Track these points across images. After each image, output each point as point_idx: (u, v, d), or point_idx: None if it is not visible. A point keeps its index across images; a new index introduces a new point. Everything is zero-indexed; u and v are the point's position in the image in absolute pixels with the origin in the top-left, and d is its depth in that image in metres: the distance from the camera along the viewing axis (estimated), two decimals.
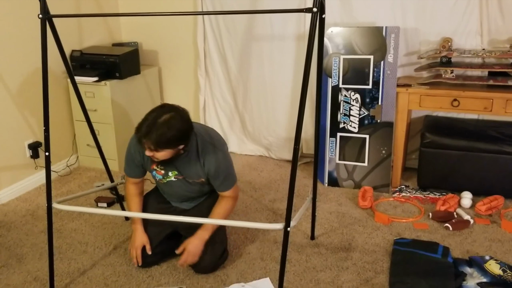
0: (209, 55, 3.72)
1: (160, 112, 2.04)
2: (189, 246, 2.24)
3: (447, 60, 3.02)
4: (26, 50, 3.17)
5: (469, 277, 2.23)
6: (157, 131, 1.98)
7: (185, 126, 2.07)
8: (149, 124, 2.00)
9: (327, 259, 2.43)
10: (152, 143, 2.00)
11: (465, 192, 2.96)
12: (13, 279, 2.33)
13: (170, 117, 2.01)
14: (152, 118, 2.02)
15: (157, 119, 2.00)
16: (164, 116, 2.01)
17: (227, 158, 2.30)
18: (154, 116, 2.02)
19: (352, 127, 3.15)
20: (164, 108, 2.07)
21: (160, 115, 2.01)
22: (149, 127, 1.99)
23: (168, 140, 2.01)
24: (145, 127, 2.00)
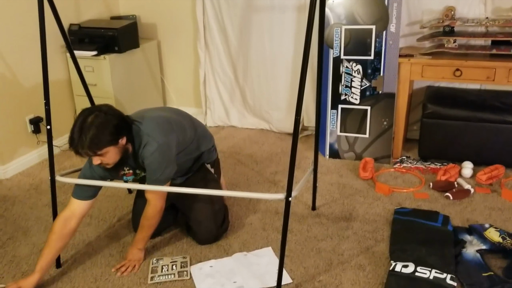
0: (208, 28, 3.69)
1: (83, 117, 1.93)
2: (129, 256, 2.24)
3: (450, 29, 2.99)
4: (24, 24, 3.15)
5: (469, 244, 2.26)
6: (87, 135, 1.89)
7: (114, 119, 1.97)
8: (77, 131, 1.90)
9: (328, 229, 2.46)
10: (88, 148, 1.91)
11: (466, 162, 2.97)
12: (20, 251, 2.36)
13: (94, 117, 1.92)
14: (78, 125, 1.91)
15: (83, 124, 1.91)
16: (89, 119, 1.92)
17: (164, 150, 2.09)
18: (79, 122, 1.92)
19: (354, 98, 3.14)
20: (84, 113, 1.95)
21: (85, 120, 1.92)
22: (79, 134, 1.90)
23: (102, 139, 1.92)
24: (75, 136, 1.90)
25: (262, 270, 2.16)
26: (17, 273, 2.19)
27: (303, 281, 2.09)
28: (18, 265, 2.26)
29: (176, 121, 2.25)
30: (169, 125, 2.17)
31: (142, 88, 3.80)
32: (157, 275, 2.14)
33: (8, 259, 2.30)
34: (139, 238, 2.25)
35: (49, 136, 2.13)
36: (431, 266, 2.09)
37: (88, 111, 1.97)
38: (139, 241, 2.25)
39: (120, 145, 2.00)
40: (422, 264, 2.10)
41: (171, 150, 2.13)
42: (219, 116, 3.96)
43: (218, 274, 2.14)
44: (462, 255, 2.19)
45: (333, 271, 2.14)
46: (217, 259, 2.25)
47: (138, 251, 2.25)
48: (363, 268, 2.15)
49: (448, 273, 2.04)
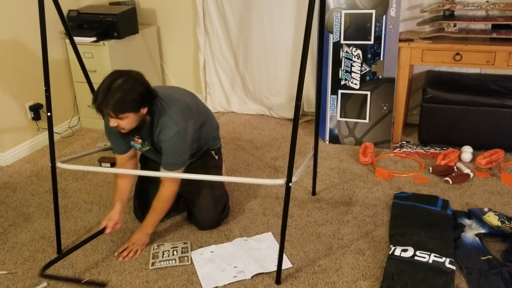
0: (208, 13, 3.66)
1: (113, 77, 1.96)
2: (134, 238, 2.24)
3: (450, 13, 2.97)
4: (23, 11, 3.13)
5: (468, 228, 2.28)
6: (114, 96, 1.91)
7: (141, 88, 1.99)
8: (104, 90, 1.92)
9: (328, 214, 2.48)
10: (111, 109, 1.93)
11: (465, 147, 2.97)
12: (21, 237, 2.38)
13: (124, 80, 1.95)
14: (106, 84, 1.94)
15: (112, 84, 1.92)
16: (118, 81, 1.94)
17: (182, 136, 2.12)
18: (108, 82, 1.94)
19: (354, 83, 3.14)
20: (115, 74, 1.98)
21: (114, 80, 1.94)
22: (105, 93, 1.91)
23: (126, 104, 1.94)
24: (101, 95, 1.92)
25: (263, 255, 2.17)
26: (18, 260, 2.21)
27: (303, 266, 2.10)
28: (20, 251, 2.28)
29: (194, 107, 2.27)
30: (190, 111, 2.20)
31: None
32: (158, 261, 2.16)
33: (10, 246, 2.32)
34: (149, 223, 2.26)
35: (50, 123, 2.13)
36: (430, 250, 2.10)
37: (119, 73, 1.98)
38: (149, 226, 2.26)
39: (141, 114, 2.03)
40: (421, 248, 2.12)
41: (188, 135, 2.15)
42: (219, 102, 3.95)
43: (218, 259, 2.16)
44: (461, 239, 2.20)
45: (333, 256, 2.16)
46: (217, 244, 2.26)
47: (145, 236, 2.26)
48: (362, 253, 2.17)
49: (447, 257, 2.06)
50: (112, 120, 1.98)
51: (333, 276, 2.03)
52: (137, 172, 2.28)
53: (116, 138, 2.22)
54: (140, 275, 2.08)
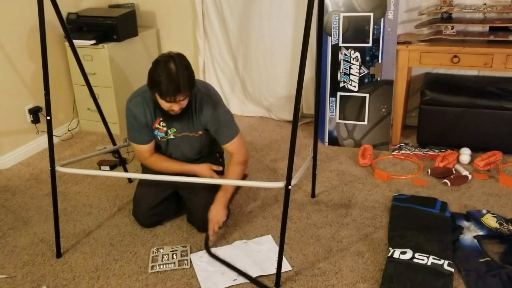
0: (207, 15, 3.67)
1: (166, 63, 2.00)
2: (211, 214, 2.25)
3: (448, 16, 2.98)
4: (22, 13, 3.13)
5: (466, 230, 2.28)
6: (184, 76, 1.99)
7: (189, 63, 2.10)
8: (174, 77, 1.97)
9: (327, 216, 2.48)
10: (187, 89, 2.02)
11: (464, 149, 2.98)
12: (20, 241, 2.38)
13: (179, 60, 2.02)
14: (167, 71, 1.98)
15: (178, 69, 1.99)
16: (179, 62, 2.01)
17: (224, 108, 2.30)
18: (167, 69, 1.98)
19: (352, 86, 3.14)
20: (167, 57, 2.03)
21: (176, 64, 2.00)
22: (177, 79, 1.97)
23: (193, 79, 2.06)
24: (175, 82, 1.97)
25: (262, 257, 2.18)
26: (18, 263, 2.22)
27: (302, 268, 2.11)
28: (19, 255, 2.28)
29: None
30: (216, 92, 2.35)
31: (141, 76, 3.77)
32: (158, 264, 2.16)
33: (9, 249, 2.32)
34: (228, 188, 2.29)
35: (49, 126, 2.13)
36: (429, 252, 2.11)
37: (166, 57, 2.02)
38: (228, 191, 2.29)
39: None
40: (420, 251, 2.13)
41: (227, 108, 2.32)
42: None
43: (218, 262, 2.16)
44: (460, 241, 2.21)
45: (332, 258, 2.17)
46: (217, 247, 2.27)
47: (221, 207, 2.26)
48: (362, 255, 2.18)
49: (445, 259, 2.06)
50: (175, 105, 2.05)
51: (333, 279, 2.04)
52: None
53: (141, 132, 2.29)
54: (139, 279, 2.08)
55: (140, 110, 2.24)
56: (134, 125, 2.29)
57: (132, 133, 2.33)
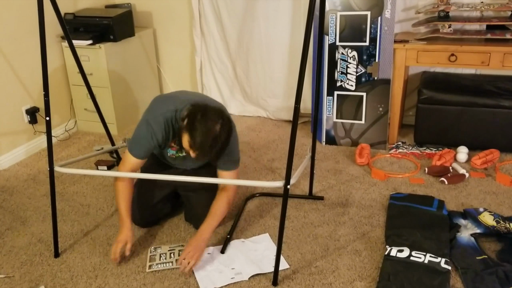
0: (204, 15, 3.67)
1: (218, 125, 1.96)
2: (188, 249, 2.10)
3: (445, 14, 2.99)
4: (19, 14, 3.13)
5: (463, 228, 2.29)
6: (217, 149, 1.98)
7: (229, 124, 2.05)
8: (209, 143, 1.94)
9: (324, 215, 2.49)
10: (211, 159, 2.05)
11: (461, 147, 2.99)
12: (18, 241, 2.38)
13: (228, 128, 2.01)
14: (213, 137, 1.94)
15: (218, 138, 1.96)
16: (223, 131, 1.98)
17: (235, 139, 2.23)
18: (215, 134, 1.94)
19: (349, 85, 3.15)
20: (218, 115, 1.99)
21: (221, 132, 1.97)
22: (211, 147, 1.95)
23: (224, 152, 2.04)
24: (205, 147, 1.94)
25: (260, 256, 2.18)
26: (16, 263, 2.22)
27: (300, 267, 2.11)
28: (17, 255, 2.28)
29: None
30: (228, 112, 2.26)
31: (138, 76, 3.80)
32: (155, 263, 2.17)
33: (7, 250, 2.32)
34: (208, 228, 2.17)
35: (48, 127, 2.14)
36: (426, 251, 2.12)
37: (221, 117, 2.00)
38: (206, 231, 2.16)
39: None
40: (417, 249, 2.13)
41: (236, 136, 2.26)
42: None
43: (216, 261, 2.16)
44: (457, 239, 2.21)
45: (329, 257, 2.17)
46: (215, 246, 2.27)
47: (202, 242, 2.12)
48: (359, 253, 2.18)
49: (442, 257, 2.07)
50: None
51: (330, 277, 2.04)
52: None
53: (145, 148, 2.19)
54: (137, 278, 2.08)
55: (159, 132, 2.13)
56: (144, 138, 2.16)
57: (136, 143, 2.20)
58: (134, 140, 2.20)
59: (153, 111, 2.16)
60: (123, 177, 2.22)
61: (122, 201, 2.22)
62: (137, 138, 2.19)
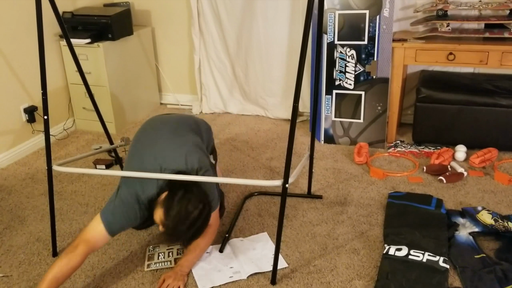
0: (202, 13, 3.66)
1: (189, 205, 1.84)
2: (168, 279, 2.00)
3: (443, 13, 2.99)
4: (17, 13, 3.12)
5: (462, 227, 2.29)
6: (191, 232, 1.88)
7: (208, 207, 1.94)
8: (180, 227, 1.84)
9: (323, 214, 2.49)
10: (184, 241, 1.98)
11: (459, 146, 2.99)
12: (16, 240, 2.38)
13: (202, 208, 1.88)
14: (182, 218, 1.82)
15: (192, 227, 1.85)
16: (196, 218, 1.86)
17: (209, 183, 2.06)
18: (186, 215, 1.83)
19: (348, 84, 3.15)
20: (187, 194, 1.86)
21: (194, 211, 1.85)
22: (181, 232, 1.85)
23: (200, 233, 1.95)
24: (177, 231, 1.84)
25: (258, 255, 2.18)
26: (14, 263, 2.21)
27: (298, 266, 2.11)
28: (15, 254, 2.27)
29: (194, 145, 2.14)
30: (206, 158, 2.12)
31: (137, 75, 3.79)
32: (154, 262, 2.16)
33: (5, 249, 2.32)
34: (188, 262, 2.07)
35: (46, 126, 2.13)
36: (424, 249, 2.12)
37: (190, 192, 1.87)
38: (186, 265, 2.06)
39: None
40: (415, 247, 2.13)
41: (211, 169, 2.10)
42: (214, 103, 3.96)
43: (214, 260, 2.16)
44: (455, 237, 2.22)
45: (328, 256, 2.17)
46: (213, 245, 2.27)
47: (180, 276, 2.02)
48: (357, 252, 2.18)
49: (441, 256, 2.07)
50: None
51: (328, 276, 2.04)
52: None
53: (125, 222, 1.98)
54: (135, 277, 2.08)
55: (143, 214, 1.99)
56: (124, 214, 1.95)
57: (116, 215, 1.94)
58: (109, 205, 1.96)
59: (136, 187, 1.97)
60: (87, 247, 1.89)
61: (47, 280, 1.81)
62: (110, 205, 1.96)
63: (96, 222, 1.93)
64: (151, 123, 2.26)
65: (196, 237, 1.94)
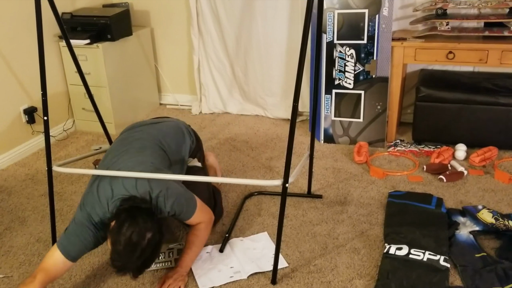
0: (201, 13, 3.66)
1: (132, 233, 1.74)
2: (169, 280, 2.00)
3: (443, 12, 2.98)
4: (16, 12, 3.12)
5: (462, 226, 2.29)
6: (139, 263, 1.78)
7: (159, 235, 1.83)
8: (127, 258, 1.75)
9: (323, 213, 2.49)
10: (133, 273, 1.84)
11: (459, 145, 2.99)
12: (17, 241, 2.38)
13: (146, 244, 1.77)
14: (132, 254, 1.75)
15: (140, 256, 1.76)
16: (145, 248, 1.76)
17: (174, 191, 1.99)
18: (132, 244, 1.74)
19: (348, 83, 3.15)
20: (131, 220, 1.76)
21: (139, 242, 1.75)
22: (128, 263, 1.76)
23: (149, 264, 1.85)
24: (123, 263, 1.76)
25: (258, 254, 2.18)
26: (14, 263, 2.21)
27: (298, 265, 2.11)
28: (16, 255, 2.27)
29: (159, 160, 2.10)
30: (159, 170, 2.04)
31: (136, 76, 3.79)
32: (154, 263, 2.16)
33: (5, 250, 2.32)
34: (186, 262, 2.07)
35: (46, 127, 2.13)
36: (424, 248, 2.12)
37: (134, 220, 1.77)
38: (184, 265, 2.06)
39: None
40: (416, 246, 2.13)
41: (176, 187, 2.03)
42: (214, 103, 3.95)
43: (215, 260, 2.16)
44: (456, 236, 2.21)
45: (328, 255, 2.17)
46: (213, 245, 2.27)
47: (180, 276, 2.02)
48: (357, 252, 2.18)
49: (441, 255, 2.07)
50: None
51: (329, 275, 2.04)
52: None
53: (87, 246, 1.91)
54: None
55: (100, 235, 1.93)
56: (77, 232, 1.90)
57: (69, 236, 1.90)
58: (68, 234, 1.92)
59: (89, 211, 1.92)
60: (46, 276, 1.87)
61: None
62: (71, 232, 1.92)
63: (53, 250, 1.90)
64: (122, 137, 2.21)
65: (147, 266, 1.84)
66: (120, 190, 1.91)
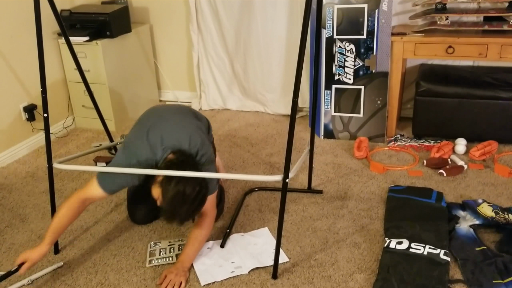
0: (200, 10, 3.66)
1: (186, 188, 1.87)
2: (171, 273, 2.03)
3: (442, 7, 2.98)
4: (15, 11, 3.12)
5: (462, 220, 2.29)
6: (189, 213, 1.92)
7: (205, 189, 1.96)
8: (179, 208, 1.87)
9: (323, 208, 2.49)
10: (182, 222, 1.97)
11: (459, 139, 2.99)
12: (18, 238, 2.38)
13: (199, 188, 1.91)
14: (182, 200, 1.86)
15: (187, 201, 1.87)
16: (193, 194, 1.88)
17: (214, 159, 2.16)
18: (184, 197, 1.86)
19: (347, 78, 3.15)
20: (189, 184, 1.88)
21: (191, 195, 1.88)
22: (180, 212, 1.88)
23: (197, 212, 1.98)
24: (176, 212, 1.88)
25: (259, 250, 2.18)
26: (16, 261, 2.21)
27: (299, 260, 2.12)
28: (17, 252, 2.28)
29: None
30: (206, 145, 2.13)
31: (135, 73, 3.79)
32: (155, 258, 2.17)
33: (7, 247, 2.32)
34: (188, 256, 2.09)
35: (46, 124, 2.13)
36: (425, 242, 2.12)
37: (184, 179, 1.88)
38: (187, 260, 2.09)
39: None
40: (416, 240, 2.14)
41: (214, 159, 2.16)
42: (213, 100, 3.95)
43: (216, 255, 2.17)
44: (456, 230, 2.22)
45: (328, 250, 2.17)
46: (214, 240, 2.27)
47: (182, 272, 2.03)
48: (358, 246, 2.19)
49: (441, 249, 2.07)
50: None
51: (329, 270, 2.05)
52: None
53: (119, 182, 2.06)
54: (137, 273, 2.09)
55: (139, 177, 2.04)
56: (121, 176, 2.03)
57: (112, 177, 2.04)
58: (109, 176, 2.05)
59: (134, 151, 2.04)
60: (77, 200, 2.05)
61: (57, 220, 2.03)
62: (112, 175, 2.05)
63: (91, 181, 2.05)
64: (155, 108, 2.30)
65: (193, 216, 1.99)
66: (171, 140, 2.01)
